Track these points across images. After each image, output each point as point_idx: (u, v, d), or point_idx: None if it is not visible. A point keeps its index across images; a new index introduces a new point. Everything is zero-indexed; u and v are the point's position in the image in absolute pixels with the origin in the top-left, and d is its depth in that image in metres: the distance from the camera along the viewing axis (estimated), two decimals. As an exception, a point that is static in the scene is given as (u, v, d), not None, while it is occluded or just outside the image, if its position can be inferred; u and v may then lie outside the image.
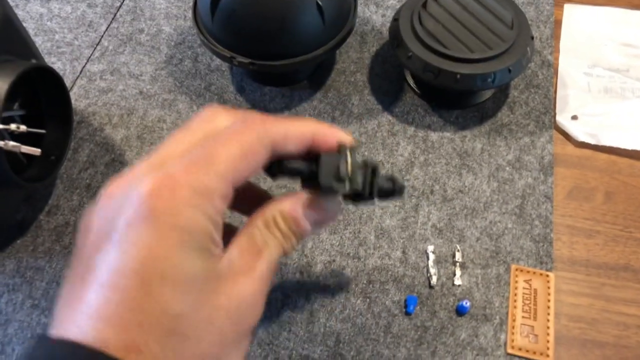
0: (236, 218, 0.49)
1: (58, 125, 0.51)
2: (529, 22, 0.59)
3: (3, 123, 0.41)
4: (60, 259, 0.50)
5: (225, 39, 0.54)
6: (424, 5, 0.57)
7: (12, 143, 0.42)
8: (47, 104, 0.51)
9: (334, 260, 0.50)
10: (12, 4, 0.69)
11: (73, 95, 0.61)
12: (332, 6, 0.53)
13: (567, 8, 0.67)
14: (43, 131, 0.47)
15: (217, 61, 0.64)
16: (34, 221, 0.53)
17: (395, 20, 0.57)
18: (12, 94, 0.44)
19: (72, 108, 0.51)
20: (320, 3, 0.52)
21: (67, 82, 0.62)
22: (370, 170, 0.33)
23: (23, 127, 0.42)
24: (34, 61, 0.46)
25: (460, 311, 0.46)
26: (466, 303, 0.46)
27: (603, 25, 0.65)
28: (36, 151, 0.43)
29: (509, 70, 0.53)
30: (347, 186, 0.31)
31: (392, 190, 0.35)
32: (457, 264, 0.49)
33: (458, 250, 0.50)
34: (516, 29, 0.54)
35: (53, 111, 0.51)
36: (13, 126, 0.42)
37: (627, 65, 0.62)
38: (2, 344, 0.46)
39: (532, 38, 0.55)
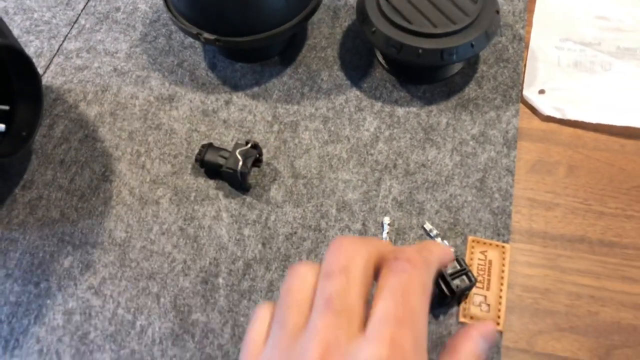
0: (199, 191, 0.50)
1: (29, 102, 0.53)
2: (498, -4, 0.59)
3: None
4: (34, 231, 0.53)
5: (192, 15, 0.55)
6: (391, -20, 0.57)
7: (-24, 119, 0.43)
8: (17, 82, 0.52)
9: (295, 232, 0.51)
10: (-7, -17, 0.70)
11: (50, 72, 0.63)
12: (295, -18, 0.53)
13: (543, -19, 0.67)
14: (6, 107, 0.49)
15: (190, 38, 0.64)
16: (9, 195, 0.55)
17: (362, -5, 0.57)
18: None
19: (41, 87, 0.53)
20: (282, -21, 0.52)
21: (44, 60, 0.64)
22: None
23: (-13, 103, 0.44)
24: (1, 40, 0.47)
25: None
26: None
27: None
28: (1, 126, 0.45)
29: (472, 45, 0.53)
30: None
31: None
32: (438, 236, 0.50)
33: (426, 224, 0.51)
34: (480, 3, 0.54)
35: (23, 89, 0.52)
36: (-24, 102, 0.44)
37: (599, 38, 0.61)
38: (-24, 310, 0.49)
39: (498, 12, 0.55)
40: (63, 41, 0.65)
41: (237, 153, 0.52)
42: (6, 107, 0.49)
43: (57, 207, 0.54)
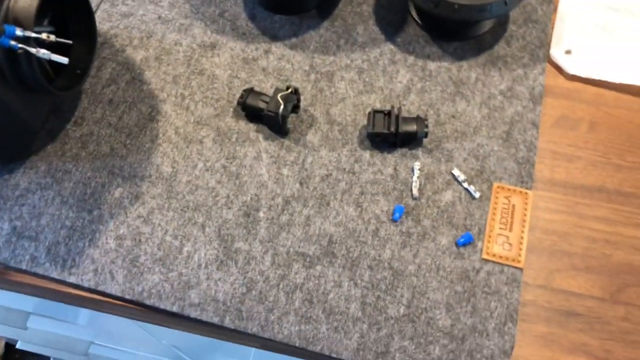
0: (243, 131, 0.54)
1: (83, 41, 0.56)
2: (531, -43, 0.61)
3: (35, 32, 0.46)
4: (86, 164, 0.56)
5: (238, -35, 0.58)
6: (429, -62, 0.59)
7: (43, 50, 0.46)
8: (73, 21, 0.55)
9: (330, 174, 0.55)
10: None
11: (97, 18, 0.65)
12: None
13: (574, -54, 0.69)
14: (70, 42, 0.52)
15: (231, -10, 0.67)
16: (62, 130, 0.58)
17: (400, -49, 0.60)
18: (42, 10, 0.48)
19: (96, 25, 0.56)
20: None
21: (92, 6, 0.66)
22: None
23: (52, 37, 0.47)
24: (61, -22, 0.50)
25: (463, 243, 0.51)
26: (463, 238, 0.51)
27: (607, -37, 0.67)
28: (64, 59, 0.48)
29: (505, 2, 0.56)
30: None
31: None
32: (465, 181, 0.53)
33: (455, 170, 0.54)
34: (515, -38, 0.57)
35: (78, 28, 0.55)
36: (44, 35, 0.47)
37: (628, 4, 0.64)
38: (36, 232, 0.53)
39: (531, -28, 0.58)
40: (108, -12, 0.68)
41: (278, 97, 0.55)
42: (70, 42, 0.52)
43: (107, 143, 0.57)
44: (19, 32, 0.45)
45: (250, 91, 0.57)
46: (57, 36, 0.52)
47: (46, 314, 0.88)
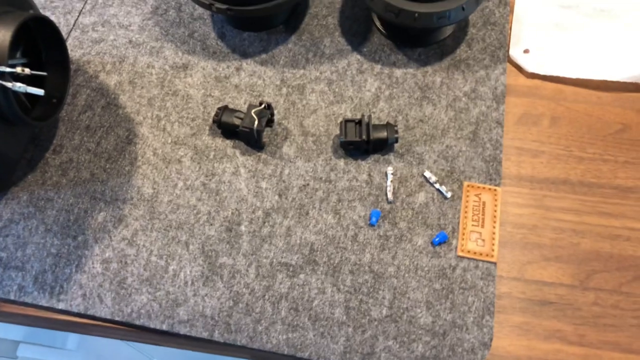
0: (220, 148, 0.55)
1: (57, 70, 0.57)
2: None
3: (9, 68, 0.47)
4: (68, 191, 0.57)
5: (204, -13, 0.59)
6: (387, -50, 0.61)
7: (18, 84, 0.48)
8: (45, 51, 0.56)
9: (308, 184, 0.57)
10: (4, -38, 0.73)
11: (68, 46, 0.66)
12: (299, -47, 0.58)
13: (526, -51, 0.72)
14: (44, 73, 0.53)
15: (199, 10, 0.69)
16: (41, 159, 0.59)
17: (360, -35, 0.62)
18: (14, 43, 0.49)
19: (68, 54, 0.57)
20: (288, -49, 0.56)
21: (63, 35, 0.67)
22: None
23: (27, 70, 0.48)
24: (31, 12, 0.51)
25: (438, 242, 0.53)
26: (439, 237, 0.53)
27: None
28: (40, 91, 0.49)
29: (463, 9, 0.58)
30: None
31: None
32: (437, 182, 0.56)
33: (427, 173, 0.57)
34: (470, -31, 0.59)
35: (51, 57, 0.56)
36: (18, 69, 0.48)
37: (578, 1, 0.67)
38: (22, 262, 0.53)
39: (486, -22, 0.60)
40: (78, 16, 0.69)
41: (252, 113, 0.57)
42: (44, 73, 0.53)
43: (86, 168, 0.58)
44: (-7, 68, 0.46)
45: (224, 109, 0.59)
46: (31, 67, 0.53)
47: (36, 342, 0.88)
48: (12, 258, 0.54)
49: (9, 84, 0.47)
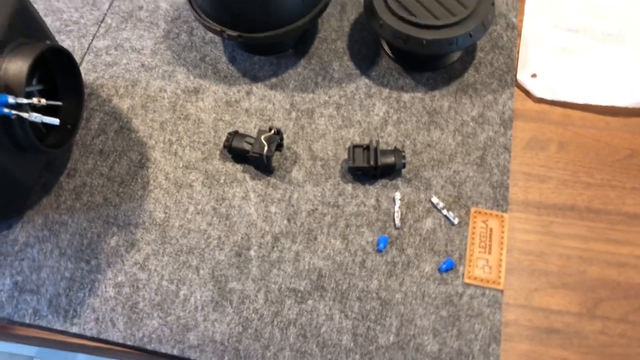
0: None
1: (72, 97, 0.58)
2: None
3: (25, 97, 0.49)
4: (81, 215, 0.58)
5: (216, 14, 0.61)
6: (395, -23, 0.62)
7: (35, 114, 0.49)
8: (61, 78, 0.58)
9: (316, 209, 0.57)
10: (21, -14, 0.75)
11: (82, 69, 0.68)
12: (309, -18, 0.59)
13: (534, -29, 0.72)
14: (59, 103, 0.54)
15: (211, 34, 0.70)
16: (56, 183, 0.60)
17: (369, -9, 0.63)
18: (31, 71, 0.51)
19: (82, 81, 0.58)
20: (297, -20, 0.57)
21: (76, 58, 0.69)
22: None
23: (43, 101, 0.49)
24: (48, 42, 0.53)
25: (445, 269, 0.53)
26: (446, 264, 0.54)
27: (566, -13, 0.70)
28: (55, 121, 0.50)
29: (470, 35, 0.59)
30: None
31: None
32: (444, 208, 0.56)
33: (434, 198, 0.57)
34: (477, -5, 0.60)
35: (66, 85, 0.58)
36: (34, 100, 0.49)
37: (585, 25, 0.67)
38: (37, 285, 0.55)
39: (493, 4, 0.61)
40: (92, 40, 0.70)
41: (262, 138, 0.58)
42: (59, 103, 0.54)
43: (100, 193, 0.60)
44: (11, 99, 0.47)
45: (235, 134, 0.60)
46: (46, 92, 0.55)
47: (49, 358, 0.90)
48: (27, 281, 0.55)
49: (25, 115, 0.48)
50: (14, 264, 0.56)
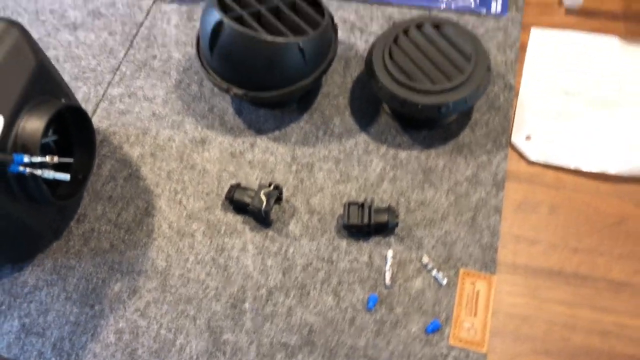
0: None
1: (84, 149, 0.62)
2: (497, 47, 0.67)
3: (40, 154, 0.52)
4: (88, 260, 0.62)
5: (223, 72, 0.64)
6: (395, 40, 0.65)
7: (47, 171, 0.52)
8: (75, 131, 0.61)
9: (311, 263, 0.60)
10: (44, 32, 0.79)
11: (96, 116, 0.72)
12: (312, 46, 0.62)
13: (534, 32, 0.74)
14: (71, 160, 0.58)
15: (219, 85, 0.73)
16: (66, 227, 0.64)
17: (370, 53, 0.65)
18: (46, 128, 0.54)
19: (95, 136, 0.62)
20: (301, 45, 0.60)
21: (92, 105, 0.73)
22: None
23: (55, 158, 0.53)
24: (63, 101, 0.56)
25: (431, 330, 0.55)
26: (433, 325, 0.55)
27: (565, 49, 0.72)
28: (66, 176, 0.53)
29: (465, 101, 0.61)
30: None
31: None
32: (434, 268, 0.58)
33: (424, 257, 0.59)
34: (473, 60, 0.62)
35: (80, 138, 0.61)
36: (47, 158, 0.52)
37: (580, 90, 0.69)
38: (43, 328, 0.58)
39: (489, 69, 0.63)
40: (107, 87, 0.74)
41: (261, 194, 0.60)
42: (70, 160, 0.58)
43: (107, 239, 0.63)
44: (26, 159, 0.51)
45: (237, 187, 0.63)
46: (61, 142, 0.58)
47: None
48: (34, 324, 0.58)
49: (38, 172, 0.52)
50: (22, 305, 0.59)
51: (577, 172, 0.64)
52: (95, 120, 0.71)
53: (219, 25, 0.60)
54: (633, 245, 0.59)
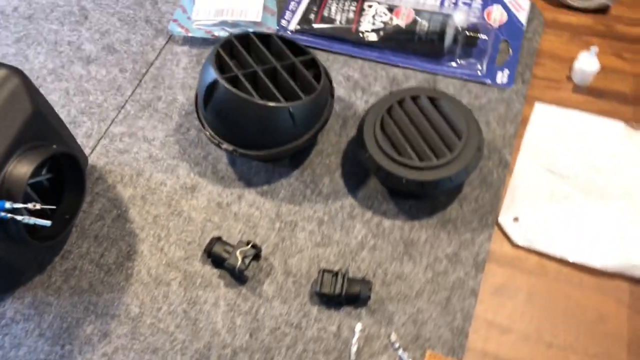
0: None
1: (74, 190, 0.63)
2: (497, 119, 0.66)
3: (23, 200, 0.54)
4: (66, 298, 0.63)
5: (216, 127, 0.65)
6: (389, 110, 0.65)
7: (27, 217, 0.54)
8: (66, 171, 0.63)
9: (279, 328, 0.60)
10: (60, 63, 0.82)
11: (95, 153, 0.74)
12: (303, 111, 0.62)
13: (537, 106, 0.73)
14: (54, 207, 0.60)
15: (217, 133, 0.74)
16: (51, 262, 0.66)
17: (362, 120, 0.66)
18: (35, 172, 0.56)
19: (85, 178, 0.63)
20: (291, 110, 0.61)
21: (92, 141, 0.75)
22: None
23: (38, 206, 0.55)
24: (54, 147, 0.58)
25: None
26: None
27: (568, 129, 0.71)
28: (47, 223, 0.55)
29: (451, 180, 0.60)
30: None
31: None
32: (400, 348, 0.58)
33: (394, 335, 0.59)
34: (464, 139, 0.62)
35: (71, 178, 0.63)
36: (30, 205, 0.54)
37: (576, 173, 0.67)
38: (13, 363, 0.60)
39: (480, 149, 0.62)
40: (110, 124, 0.76)
41: (237, 252, 0.61)
42: (53, 207, 0.59)
43: (87, 279, 0.64)
44: (8, 205, 0.53)
45: (217, 240, 0.64)
46: (53, 180, 0.60)
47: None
48: (5, 357, 0.60)
49: (19, 217, 0.54)
50: (-2, 338, 0.61)
51: (561, 261, 0.62)
52: (94, 157, 0.73)
53: (214, 84, 0.62)
54: (609, 347, 0.57)
